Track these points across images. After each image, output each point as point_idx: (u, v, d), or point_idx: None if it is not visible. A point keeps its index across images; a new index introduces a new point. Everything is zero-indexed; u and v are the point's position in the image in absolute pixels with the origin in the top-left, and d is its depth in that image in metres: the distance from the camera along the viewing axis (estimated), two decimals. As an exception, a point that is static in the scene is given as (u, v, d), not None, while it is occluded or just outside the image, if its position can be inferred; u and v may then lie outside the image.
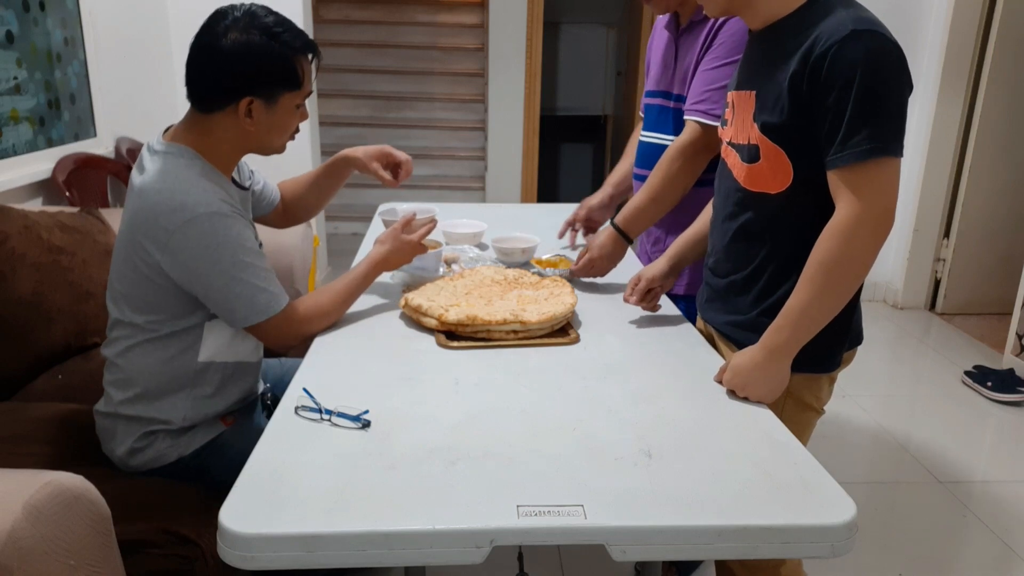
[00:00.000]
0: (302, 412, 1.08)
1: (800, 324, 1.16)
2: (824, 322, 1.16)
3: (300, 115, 1.40)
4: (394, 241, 1.53)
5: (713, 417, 1.12)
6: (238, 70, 1.27)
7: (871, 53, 1.07)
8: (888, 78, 1.08)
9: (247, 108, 1.30)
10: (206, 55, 1.28)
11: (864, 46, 1.07)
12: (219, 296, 1.29)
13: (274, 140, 1.38)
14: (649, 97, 1.78)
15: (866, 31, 1.07)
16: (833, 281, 1.13)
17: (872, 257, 1.13)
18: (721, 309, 1.36)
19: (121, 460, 1.37)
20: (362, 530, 0.84)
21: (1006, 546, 2.08)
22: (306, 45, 1.33)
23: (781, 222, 1.22)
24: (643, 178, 1.69)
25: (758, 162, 1.21)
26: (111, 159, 2.82)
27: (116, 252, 1.35)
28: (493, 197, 5.12)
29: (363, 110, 5.16)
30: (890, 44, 1.08)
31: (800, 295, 1.15)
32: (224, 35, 1.26)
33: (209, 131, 1.33)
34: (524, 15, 4.80)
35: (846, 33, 1.07)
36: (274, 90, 1.31)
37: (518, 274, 1.65)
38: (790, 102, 1.14)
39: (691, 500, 0.90)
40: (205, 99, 1.31)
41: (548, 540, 0.86)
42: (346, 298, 1.45)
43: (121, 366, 1.36)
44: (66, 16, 2.59)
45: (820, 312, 1.15)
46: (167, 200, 1.25)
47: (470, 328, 1.36)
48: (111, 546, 1.06)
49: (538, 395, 1.18)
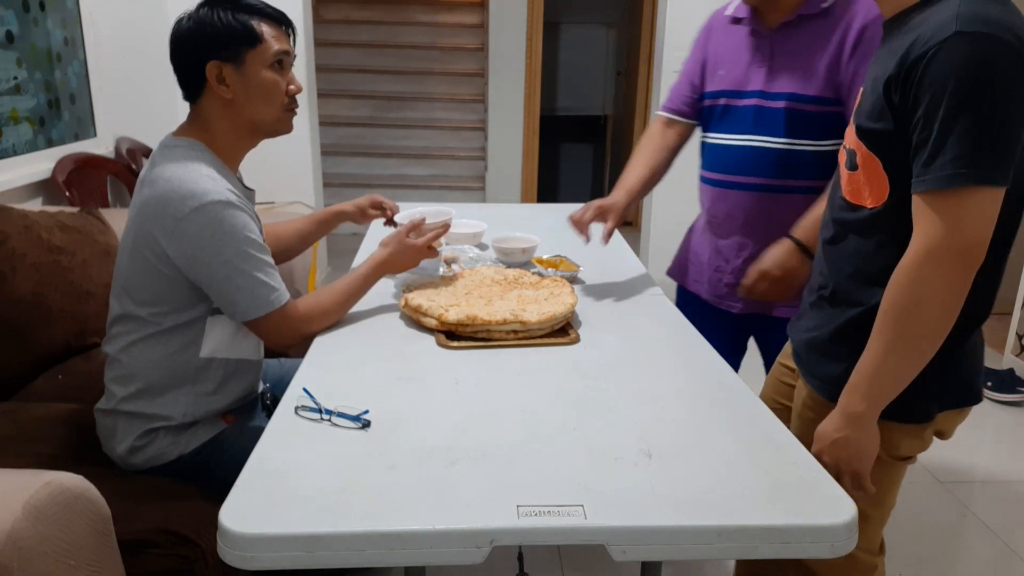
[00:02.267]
0: (302, 412, 1.08)
1: (874, 384, 1.02)
2: (907, 378, 1.01)
3: (286, 79, 1.38)
4: (397, 244, 1.53)
5: (713, 417, 1.12)
6: (193, 41, 1.31)
7: (973, 59, 0.91)
8: (992, 91, 0.91)
9: (217, 75, 1.32)
10: (171, 45, 1.34)
11: (966, 50, 0.91)
12: (221, 286, 1.30)
13: (261, 109, 1.36)
14: (728, 98, 1.60)
15: (974, 33, 0.91)
16: (904, 331, 0.98)
17: (952, 299, 0.96)
18: (800, 326, 1.23)
19: (122, 458, 1.37)
20: (362, 530, 0.84)
21: (1006, 546, 2.08)
22: (252, 7, 1.34)
23: (872, 240, 1.08)
24: (717, 182, 1.62)
25: (856, 170, 1.08)
26: (111, 159, 2.83)
27: (122, 245, 1.36)
28: (493, 197, 5.13)
29: (363, 110, 5.16)
30: (1003, 48, 0.90)
31: (872, 350, 1.01)
32: (178, 23, 1.33)
33: (205, 119, 1.36)
34: (524, 15, 4.80)
35: (948, 35, 0.92)
36: (234, 50, 1.31)
37: (518, 274, 1.65)
38: (886, 108, 1.00)
39: (691, 500, 0.90)
40: (186, 86, 1.36)
41: (548, 540, 0.86)
42: (347, 299, 1.45)
43: (123, 362, 1.36)
44: (66, 16, 2.60)
45: (898, 368, 1.00)
46: (176, 188, 1.26)
47: (470, 328, 1.36)
48: (111, 546, 1.06)
49: (538, 395, 1.18)
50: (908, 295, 0.97)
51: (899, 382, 1.02)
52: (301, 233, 1.75)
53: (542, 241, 1.90)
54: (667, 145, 1.74)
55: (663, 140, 1.75)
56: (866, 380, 1.02)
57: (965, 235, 0.94)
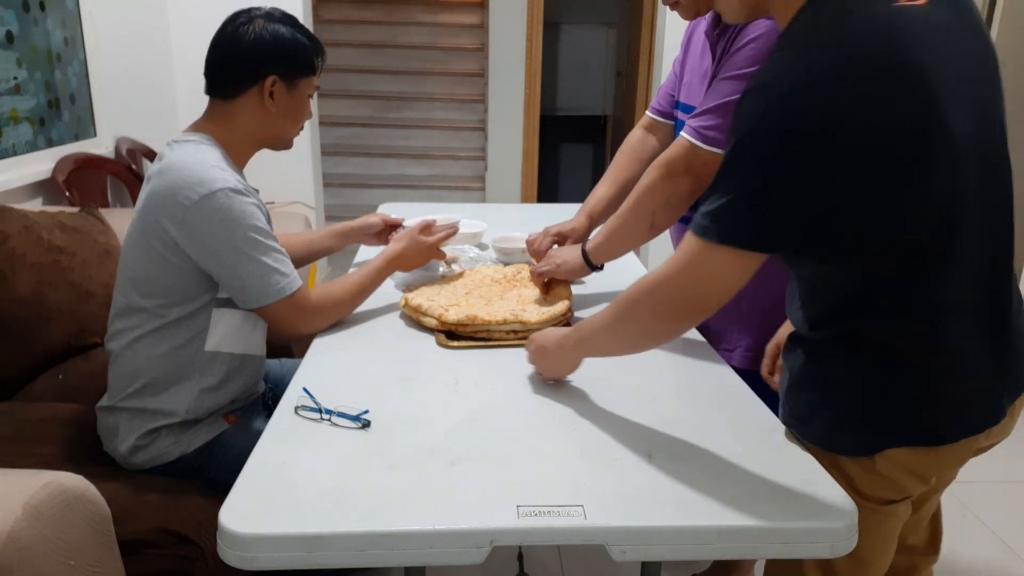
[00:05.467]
0: (302, 412, 1.08)
1: (589, 337, 1.11)
2: (605, 351, 1.14)
3: (308, 109, 1.48)
4: (410, 240, 1.57)
5: (713, 417, 1.12)
6: (265, 52, 1.36)
7: (743, 115, 0.88)
8: (745, 149, 0.88)
9: (271, 88, 1.37)
10: (231, 42, 1.37)
11: (743, 106, 0.88)
12: (232, 273, 1.30)
13: (288, 127, 1.45)
14: (683, 111, 1.47)
15: (752, 88, 0.88)
16: (619, 323, 1.05)
17: (654, 339, 1.07)
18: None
19: (123, 458, 1.37)
20: (362, 530, 0.84)
21: (1006, 546, 2.08)
22: (316, 42, 1.45)
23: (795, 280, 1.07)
24: None
25: None
26: (111, 159, 2.82)
27: (128, 239, 1.37)
28: (493, 197, 5.12)
29: (363, 110, 5.15)
30: (774, 108, 0.85)
31: (605, 313, 1.07)
32: (247, 25, 1.36)
33: (230, 118, 1.39)
34: (524, 15, 4.80)
35: (745, 87, 0.90)
36: (295, 73, 1.40)
37: (516, 270, 1.65)
38: None
39: (691, 500, 0.90)
40: (230, 84, 1.38)
41: (548, 540, 0.86)
42: (359, 292, 1.48)
43: (127, 357, 1.36)
44: (66, 16, 2.60)
45: (605, 340, 1.10)
46: (186, 177, 1.28)
47: (470, 328, 1.36)
48: (111, 546, 1.06)
49: (538, 395, 1.18)
50: (635, 300, 1.02)
51: (599, 350, 1.13)
52: (310, 244, 1.76)
53: (542, 241, 1.89)
54: (642, 156, 1.63)
55: (641, 149, 1.65)
56: (588, 329, 1.11)
57: (690, 290, 0.96)
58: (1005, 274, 0.98)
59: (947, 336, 0.94)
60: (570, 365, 1.19)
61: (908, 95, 0.84)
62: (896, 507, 1.02)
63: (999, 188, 0.96)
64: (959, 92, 0.87)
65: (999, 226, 0.96)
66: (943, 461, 1.00)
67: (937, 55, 0.86)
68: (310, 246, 1.76)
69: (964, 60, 0.90)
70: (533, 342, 1.21)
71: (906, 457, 0.97)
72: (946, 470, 1.03)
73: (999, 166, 0.96)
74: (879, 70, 0.84)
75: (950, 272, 0.91)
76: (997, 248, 0.96)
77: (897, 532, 1.06)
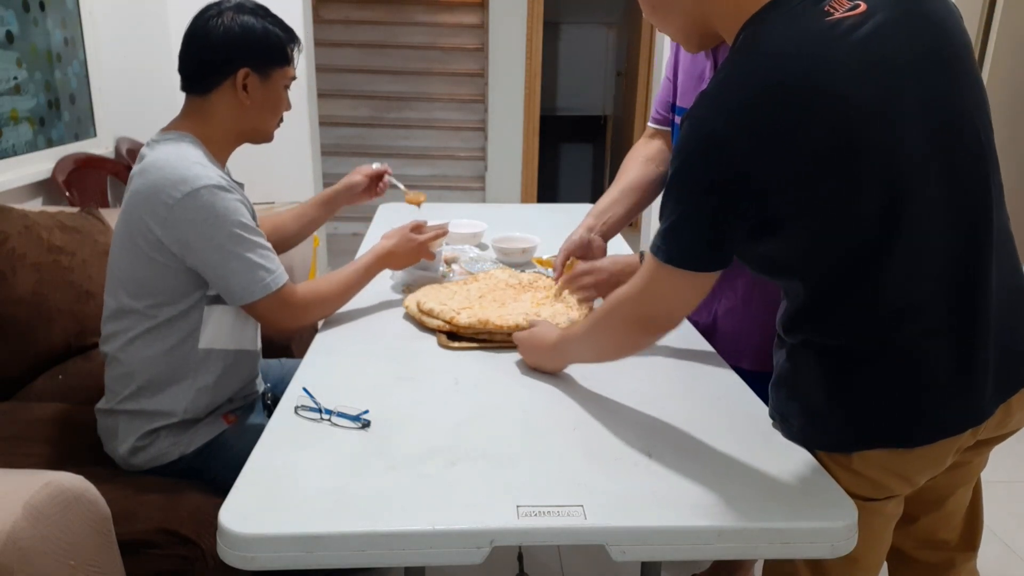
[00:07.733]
0: (302, 412, 1.08)
1: (570, 342, 1.18)
2: (582, 358, 1.21)
3: (286, 100, 1.45)
4: (400, 237, 1.55)
5: (713, 417, 1.12)
6: (235, 44, 1.35)
7: (681, 141, 0.91)
8: (681, 176, 0.92)
9: (244, 80, 1.36)
10: (201, 36, 1.36)
11: (682, 130, 0.91)
12: (217, 270, 1.30)
13: (266, 119, 1.43)
14: (680, 116, 1.47)
15: (688, 116, 0.91)
16: (595, 332, 1.11)
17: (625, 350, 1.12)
18: None
19: (123, 459, 1.37)
20: (362, 530, 0.84)
21: (1006, 546, 2.08)
22: (290, 32, 1.42)
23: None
24: None
25: None
26: (111, 159, 2.82)
27: (115, 240, 1.36)
28: (493, 197, 5.12)
29: (363, 110, 5.15)
30: (705, 133, 0.88)
31: (587, 320, 1.14)
32: (218, 17, 1.35)
33: (206, 113, 1.38)
34: (524, 15, 4.80)
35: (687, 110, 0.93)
36: (267, 64, 1.38)
37: (533, 278, 1.63)
38: None
39: (691, 500, 0.90)
40: (203, 79, 1.37)
41: (548, 540, 0.86)
42: (347, 289, 1.46)
43: (122, 360, 1.36)
44: (66, 16, 2.59)
45: (582, 346, 1.16)
46: (168, 175, 1.27)
47: (474, 330, 1.35)
48: (111, 546, 1.06)
49: (538, 395, 1.18)
50: (606, 314, 1.08)
51: (578, 357, 1.21)
52: (300, 217, 1.73)
53: (542, 241, 1.89)
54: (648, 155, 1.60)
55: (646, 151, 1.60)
56: (569, 337, 1.18)
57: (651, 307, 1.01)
58: (979, 273, 0.94)
59: (902, 339, 0.93)
60: (551, 365, 1.25)
61: (823, 117, 0.85)
62: (883, 504, 1.01)
63: (972, 184, 0.93)
64: (902, 97, 0.86)
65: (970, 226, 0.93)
66: (922, 462, 0.98)
67: (869, 67, 0.85)
68: (301, 219, 1.73)
69: (915, 60, 0.88)
70: (528, 333, 1.28)
71: (880, 457, 0.96)
72: (930, 470, 1.01)
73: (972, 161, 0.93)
74: (792, 94, 0.85)
75: (898, 278, 0.90)
76: (967, 249, 0.93)
77: (888, 529, 1.06)
